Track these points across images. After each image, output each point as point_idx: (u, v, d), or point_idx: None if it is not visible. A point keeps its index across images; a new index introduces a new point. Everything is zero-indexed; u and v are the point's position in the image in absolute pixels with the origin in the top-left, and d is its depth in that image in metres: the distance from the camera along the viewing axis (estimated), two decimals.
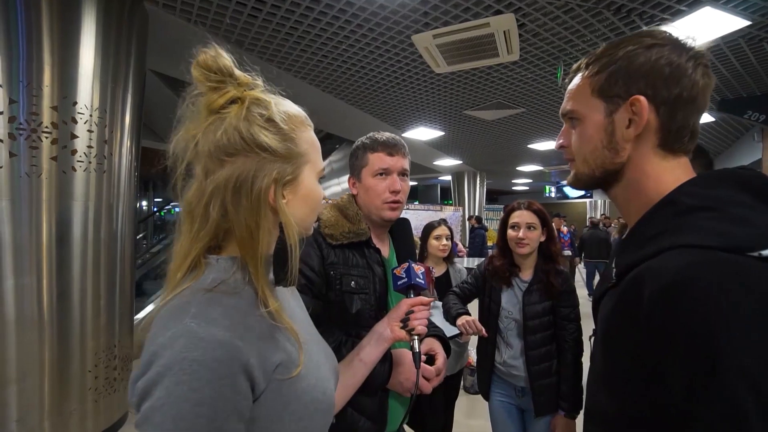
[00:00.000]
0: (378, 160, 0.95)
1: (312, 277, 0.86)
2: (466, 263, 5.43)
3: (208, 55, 0.49)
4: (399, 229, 0.94)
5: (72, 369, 2.15)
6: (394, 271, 0.81)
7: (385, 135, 0.98)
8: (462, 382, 3.06)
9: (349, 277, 0.90)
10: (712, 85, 0.50)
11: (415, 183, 15.15)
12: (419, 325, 0.73)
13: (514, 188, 16.47)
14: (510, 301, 1.47)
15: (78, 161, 2.05)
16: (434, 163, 8.40)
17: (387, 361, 0.80)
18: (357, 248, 0.93)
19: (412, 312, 0.74)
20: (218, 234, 0.50)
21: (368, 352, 0.72)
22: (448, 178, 10.24)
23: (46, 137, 1.95)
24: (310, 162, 0.55)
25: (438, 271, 2.04)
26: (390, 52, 3.07)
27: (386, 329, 0.74)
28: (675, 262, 0.39)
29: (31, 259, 1.99)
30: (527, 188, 16.46)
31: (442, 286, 1.95)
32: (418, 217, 7.22)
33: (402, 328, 0.73)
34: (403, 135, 5.72)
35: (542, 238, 1.45)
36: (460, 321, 1.39)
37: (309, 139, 0.56)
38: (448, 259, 2.06)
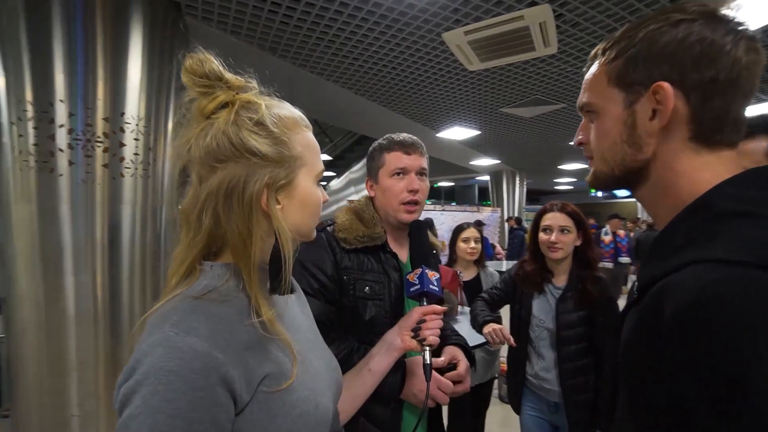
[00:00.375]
0: (395, 159, 0.93)
1: (325, 281, 0.85)
2: (504, 266, 5.25)
3: (194, 60, 0.48)
4: (413, 232, 0.91)
5: (123, 362, 2.31)
6: (407, 277, 0.78)
7: (402, 135, 0.96)
8: (497, 391, 2.95)
9: (363, 282, 0.88)
10: (763, 62, 0.41)
11: (452, 183, 14.92)
12: (431, 336, 0.70)
13: (556, 188, 15.72)
14: (542, 309, 1.38)
15: (126, 168, 2.20)
16: (471, 163, 8.20)
17: (399, 371, 0.77)
18: (372, 252, 0.92)
19: (424, 321, 0.71)
20: (213, 240, 0.50)
21: (377, 362, 0.70)
22: (487, 178, 9.96)
23: (99, 146, 2.11)
24: (306, 165, 0.54)
25: (468, 275, 1.97)
26: (421, 52, 3.03)
27: (396, 338, 0.71)
28: (699, 278, 0.34)
29: (86, 258, 2.16)
30: (571, 188, 15.63)
31: (472, 290, 1.88)
32: (454, 218, 7.08)
33: (413, 337, 0.70)
34: (437, 135, 5.64)
35: (578, 242, 1.35)
36: (486, 329, 1.33)
37: (304, 141, 0.55)
38: (479, 263, 2.00)
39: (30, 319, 2.13)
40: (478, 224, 2.08)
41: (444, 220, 7.32)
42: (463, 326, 1.55)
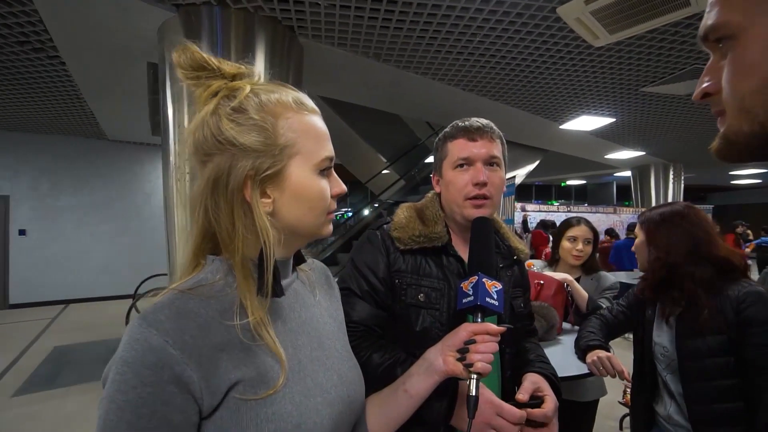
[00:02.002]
0: (458, 148, 0.80)
1: (375, 284, 0.78)
2: None
3: (178, 52, 0.47)
4: (475, 230, 0.76)
5: None
6: (461, 286, 0.65)
7: (470, 120, 0.82)
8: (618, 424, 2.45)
9: (417, 288, 0.77)
10: None
11: (583, 182, 13.14)
12: (480, 362, 0.55)
13: (733, 182, 12.34)
14: (663, 333, 1.06)
15: None
16: (606, 157, 7.06)
17: (446, 396, 0.64)
18: (433, 255, 0.81)
19: (474, 342, 0.57)
20: (210, 235, 0.49)
21: (415, 383, 0.59)
22: (628, 174, 8.45)
23: None
24: (300, 153, 0.48)
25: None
26: (533, 34, 2.71)
27: (438, 358, 0.59)
28: None
29: None
30: (759, 181, 12.01)
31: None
32: None
33: (458, 359, 0.57)
34: (561, 127, 5.02)
35: None
36: (589, 357, 1.06)
37: (298, 127, 0.49)
38: (589, 269, 1.64)
39: None
40: (587, 223, 1.67)
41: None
42: (567, 348, 1.28)
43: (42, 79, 3.71)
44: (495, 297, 0.61)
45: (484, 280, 0.62)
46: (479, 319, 0.60)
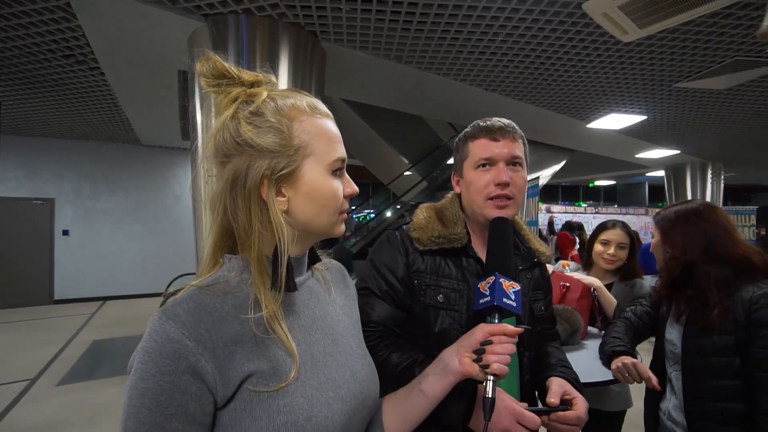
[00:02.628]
0: (479, 148, 0.80)
1: (395, 284, 0.78)
2: None
3: (201, 62, 0.50)
4: (493, 230, 0.74)
5: None
6: (479, 286, 0.64)
7: (491, 119, 0.82)
8: None
9: (436, 289, 0.78)
10: None
11: (612, 182, 12.66)
12: (497, 363, 0.54)
13: None
14: (674, 329, 1.04)
15: None
16: (637, 156, 6.78)
17: (464, 398, 0.63)
18: (453, 255, 0.80)
19: (490, 343, 0.56)
20: (229, 234, 0.51)
21: (431, 384, 0.59)
22: (661, 173, 8.08)
23: None
24: (313, 154, 0.50)
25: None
26: (557, 31, 2.65)
27: (453, 358, 0.58)
28: None
29: None
30: None
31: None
32: None
33: (474, 360, 0.57)
34: (588, 126, 4.86)
35: None
36: (615, 363, 1.03)
37: (311, 129, 0.51)
38: (626, 275, 1.57)
39: None
40: (623, 227, 1.61)
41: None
42: (591, 353, 1.24)
43: (84, 89, 3.95)
44: (512, 298, 0.60)
45: (501, 280, 0.61)
46: (496, 320, 0.60)
